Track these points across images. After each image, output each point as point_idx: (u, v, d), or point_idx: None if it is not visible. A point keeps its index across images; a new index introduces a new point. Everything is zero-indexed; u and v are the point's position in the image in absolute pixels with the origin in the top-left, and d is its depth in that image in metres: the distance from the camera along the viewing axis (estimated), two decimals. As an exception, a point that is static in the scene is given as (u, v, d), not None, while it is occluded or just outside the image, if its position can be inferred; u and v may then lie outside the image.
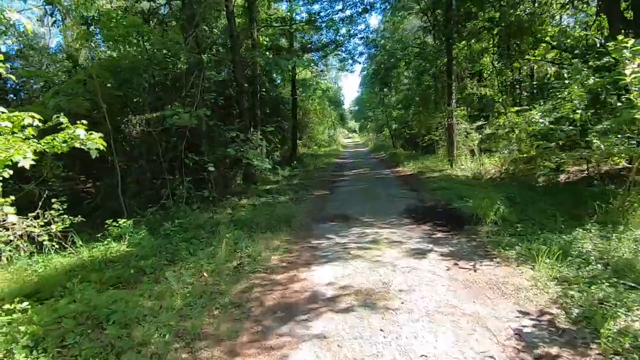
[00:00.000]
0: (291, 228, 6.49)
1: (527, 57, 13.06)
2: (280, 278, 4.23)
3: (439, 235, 5.60)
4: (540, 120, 6.08)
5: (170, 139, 7.80)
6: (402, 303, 3.40)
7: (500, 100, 13.52)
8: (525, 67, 15.32)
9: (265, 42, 15.81)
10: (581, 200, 6.00)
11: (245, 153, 7.73)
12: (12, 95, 12.17)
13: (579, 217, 5.33)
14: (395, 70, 24.02)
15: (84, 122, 3.81)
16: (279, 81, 21.19)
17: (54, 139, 3.54)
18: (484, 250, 4.80)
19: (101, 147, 3.77)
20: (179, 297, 3.66)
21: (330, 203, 8.54)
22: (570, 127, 5.51)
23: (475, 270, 4.08)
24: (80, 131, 3.50)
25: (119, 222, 5.51)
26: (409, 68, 23.29)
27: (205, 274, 4.32)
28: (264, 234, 6.06)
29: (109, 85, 6.89)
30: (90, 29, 8.00)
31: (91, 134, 3.78)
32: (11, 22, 13.70)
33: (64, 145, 3.64)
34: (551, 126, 5.72)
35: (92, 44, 10.11)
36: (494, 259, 4.42)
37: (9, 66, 9.05)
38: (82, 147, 3.69)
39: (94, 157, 3.72)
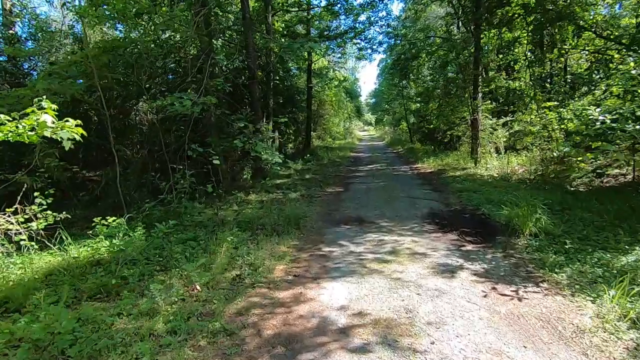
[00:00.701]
0: (300, 231, 5.85)
1: (565, 47, 11.93)
2: (284, 297, 3.60)
3: (469, 247, 4.86)
4: (600, 117, 5.19)
5: (172, 129, 7.25)
6: (432, 343, 2.72)
7: (533, 94, 12.45)
8: (561, 59, 14.13)
9: (280, 29, 15.07)
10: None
11: (253, 146, 7.11)
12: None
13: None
14: (415, 61, 22.98)
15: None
16: (294, 71, 20.47)
17: (17, 126, 2.96)
18: (526, 270, 4.04)
19: (76, 137, 3.18)
20: (162, 318, 3.08)
21: (344, 202, 7.86)
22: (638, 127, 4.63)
23: (519, 300, 3.35)
24: (47, 117, 2.91)
25: (108, 221, 4.96)
26: (430, 59, 22.23)
27: (197, 286, 3.72)
28: (269, 238, 5.44)
29: (109, 68, 6.33)
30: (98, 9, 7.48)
31: (66, 121, 3.19)
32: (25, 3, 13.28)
33: (32, 133, 3.06)
34: (613, 125, 4.86)
35: (104, 27, 9.62)
36: (541, 284, 3.66)
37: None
38: (54, 136, 3.10)
39: (67, 148, 3.13)
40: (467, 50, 14.18)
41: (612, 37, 9.74)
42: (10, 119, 2.96)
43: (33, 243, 4.44)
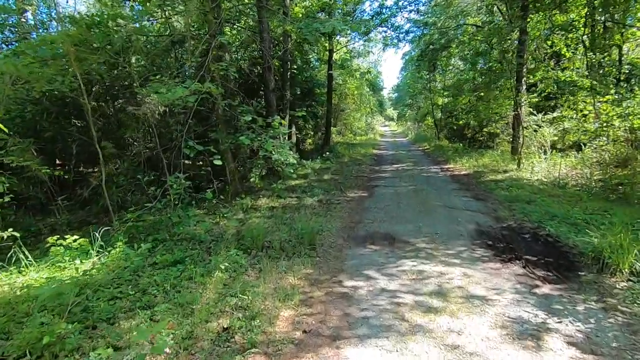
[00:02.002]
0: (315, 252, 4.67)
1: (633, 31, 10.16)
2: (287, 374, 2.44)
3: (546, 289, 3.54)
4: None
5: (170, 123, 6.22)
6: None
7: (589, 86, 10.74)
8: (615, 48, 12.26)
9: (300, 14, 13.83)
10: None
11: (263, 143, 5.97)
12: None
13: None
14: (445, 51, 21.29)
15: None
16: (315, 62, 19.21)
17: None
18: (649, 338, 2.72)
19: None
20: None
21: (369, 211, 6.61)
22: None
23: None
24: None
25: (67, 241, 3.92)
26: (463, 49, 20.49)
27: (167, 349, 2.61)
28: (276, 262, 4.29)
29: (91, 50, 5.31)
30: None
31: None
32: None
33: None
34: None
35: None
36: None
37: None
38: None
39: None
40: (510, 36, 12.50)
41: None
42: None
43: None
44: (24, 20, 11.89)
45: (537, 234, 5.09)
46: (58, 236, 3.91)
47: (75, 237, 4.00)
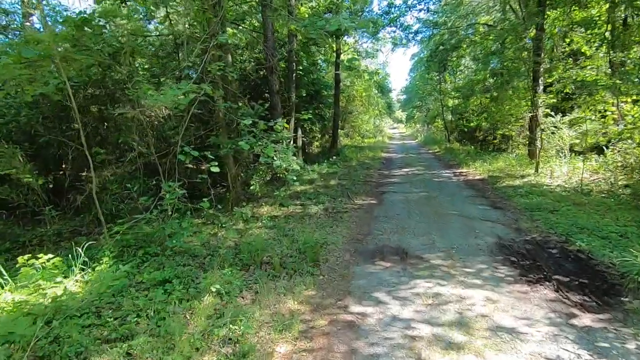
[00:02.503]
0: (319, 269, 4.22)
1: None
2: None
3: (587, 319, 3.04)
4: None
5: (164, 127, 5.86)
6: None
7: (612, 85, 10.12)
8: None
9: (306, 15, 13.46)
10: None
11: (263, 148, 5.56)
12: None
13: None
14: (455, 52, 20.72)
15: None
16: (321, 64, 18.83)
17: None
18: None
19: None
20: None
21: (378, 221, 6.14)
22: None
23: None
24: None
25: (39, 260, 3.55)
26: (474, 49, 19.93)
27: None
28: (275, 281, 3.87)
29: (82, 50, 4.97)
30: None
31: None
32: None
33: None
34: None
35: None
36: None
37: None
38: None
39: None
40: (526, 34, 11.93)
41: None
42: None
43: None
44: (29, 24, 11.74)
45: (566, 250, 4.57)
46: (30, 255, 3.53)
47: (50, 255, 3.61)
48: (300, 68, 10.93)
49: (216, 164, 5.25)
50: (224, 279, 3.84)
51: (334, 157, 13.33)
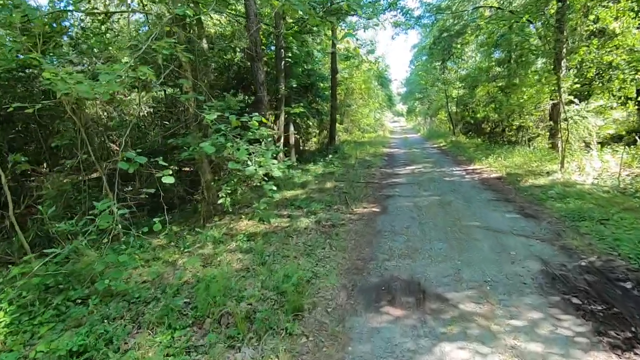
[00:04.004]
0: (302, 324, 2.98)
1: None
2: None
3: None
4: None
5: (102, 130, 4.62)
6: None
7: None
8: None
9: (297, -2, 12.10)
10: None
11: (234, 150, 4.31)
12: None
13: None
14: (461, 37, 19.35)
15: None
16: (318, 54, 17.47)
17: None
18: None
19: None
20: None
21: (383, 239, 4.88)
22: None
23: None
24: None
25: None
26: (483, 32, 18.55)
27: None
28: (234, 349, 2.63)
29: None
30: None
31: None
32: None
33: None
34: None
35: None
36: None
37: None
38: None
39: None
40: (545, 11, 10.55)
41: None
42: None
43: None
44: None
45: (645, 283, 3.31)
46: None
47: None
48: (290, 55, 9.61)
49: (170, 172, 3.98)
50: (163, 344, 2.61)
51: (330, 156, 12.04)
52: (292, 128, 11.00)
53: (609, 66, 10.74)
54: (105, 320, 3.03)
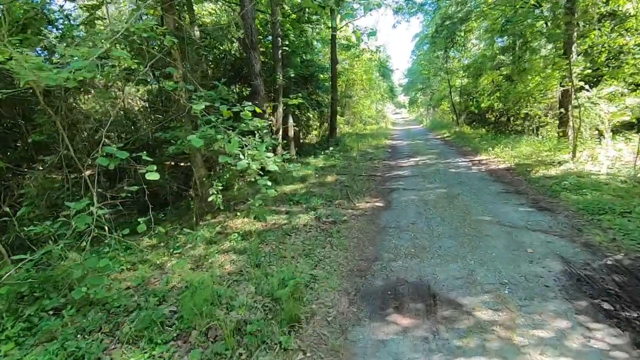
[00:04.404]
0: (299, 336, 2.66)
1: None
2: None
3: None
4: None
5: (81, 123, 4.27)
6: None
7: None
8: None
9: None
10: None
11: (225, 142, 3.97)
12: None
13: None
14: (464, 24, 18.79)
15: None
16: (318, 45, 16.98)
17: None
18: None
19: None
20: None
21: (387, 237, 4.54)
22: None
23: None
24: None
25: None
26: (484, 20, 18.01)
27: None
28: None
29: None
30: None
31: None
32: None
33: None
34: None
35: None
36: None
37: None
38: None
39: None
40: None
41: None
42: None
43: None
44: None
45: (684, 285, 2.95)
46: None
47: None
48: (287, 43, 9.18)
49: (154, 168, 3.63)
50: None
51: (331, 149, 11.67)
52: (291, 120, 10.61)
53: (620, 51, 10.27)
54: (80, 334, 2.72)
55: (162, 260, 4.12)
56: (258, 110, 4.48)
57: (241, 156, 4.12)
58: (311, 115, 16.17)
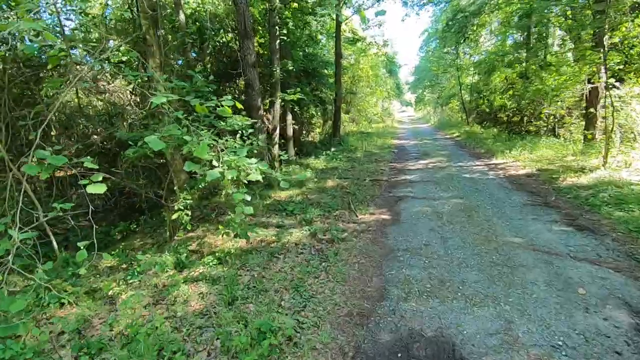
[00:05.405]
0: None
1: None
2: None
3: None
4: None
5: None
6: None
7: None
8: None
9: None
10: None
11: (192, 146, 3.16)
12: None
13: None
14: (476, 18, 17.80)
15: None
16: (322, 40, 16.09)
17: None
18: None
19: None
20: None
21: (396, 264, 3.71)
22: None
23: None
24: None
25: None
26: (499, 13, 17.06)
27: None
28: None
29: None
30: None
31: None
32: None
33: None
34: None
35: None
36: None
37: None
38: None
39: None
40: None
41: None
42: None
43: None
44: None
45: None
46: None
47: None
48: (285, 32, 8.33)
49: (100, 178, 2.82)
50: None
51: (332, 149, 10.82)
52: (289, 117, 9.78)
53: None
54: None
55: (117, 290, 3.33)
56: (239, 105, 3.65)
57: (215, 163, 3.30)
58: (314, 113, 15.33)
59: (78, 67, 4.43)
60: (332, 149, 10.77)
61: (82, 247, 2.66)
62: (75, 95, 6.25)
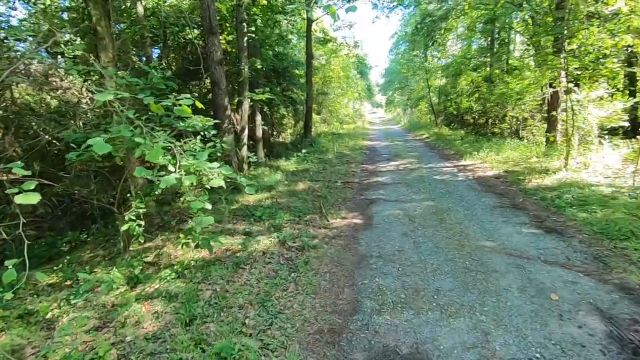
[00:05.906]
0: None
1: None
2: None
3: None
4: None
5: None
6: None
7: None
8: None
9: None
10: None
11: (147, 149, 2.85)
12: None
13: None
14: (444, 22, 18.21)
15: None
16: (293, 40, 15.82)
17: None
18: None
19: None
20: None
21: (369, 272, 3.55)
22: None
23: None
24: None
25: None
26: (465, 18, 17.51)
27: None
28: None
29: None
30: None
31: None
32: None
33: None
34: None
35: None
36: None
37: None
38: None
39: None
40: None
41: None
42: None
43: None
44: None
45: None
46: None
47: None
48: (254, 29, 8.02)
49: (32, 187, 2.44)
50: None
51: (304, 151, 10.61)
52: (259, 118, 9.46)
53: (605, 53, 9.80)
54: None
55: (57, 313, 2.93)
56: (199, 104, 3.35)
57: (171, 167, 2.99)
58: (285, 113, 15.04)
59: (14, 59, 3.95)
60: (304, 151, 10.55)
61: (10, 267, 2.29)
62: (24, 91, 5.67)
